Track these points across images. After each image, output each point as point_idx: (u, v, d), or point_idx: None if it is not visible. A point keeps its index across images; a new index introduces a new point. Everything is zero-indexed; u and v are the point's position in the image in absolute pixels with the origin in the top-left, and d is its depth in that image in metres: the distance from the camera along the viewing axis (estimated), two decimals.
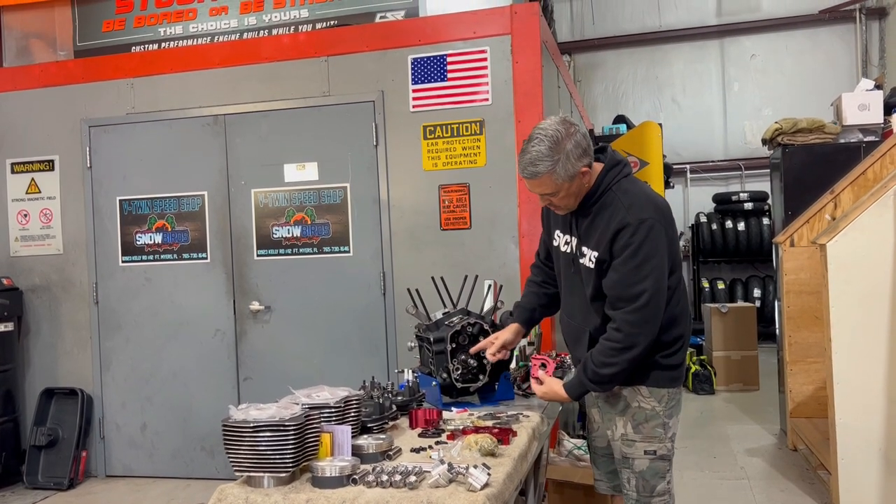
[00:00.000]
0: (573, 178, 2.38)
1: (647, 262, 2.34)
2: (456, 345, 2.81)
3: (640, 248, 2.33)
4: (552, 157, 2.34)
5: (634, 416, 2.49)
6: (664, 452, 2.49)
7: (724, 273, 10.52)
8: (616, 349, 2.35)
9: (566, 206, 2.49)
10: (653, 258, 2.34)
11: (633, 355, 2.35)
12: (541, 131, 2.37)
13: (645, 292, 2.32)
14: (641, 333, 2.34)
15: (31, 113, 5.41)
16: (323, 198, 4.88)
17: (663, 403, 2.48)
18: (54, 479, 5.08)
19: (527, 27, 4.56)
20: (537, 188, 2.42)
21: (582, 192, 2.45)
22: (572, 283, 2.59)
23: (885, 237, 3.75)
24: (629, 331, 2.34)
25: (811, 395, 5.26)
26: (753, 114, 10.49)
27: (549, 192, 2.42)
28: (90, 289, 5.27)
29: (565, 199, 2.44)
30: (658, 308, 2.36)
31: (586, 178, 2.42)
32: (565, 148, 2.34)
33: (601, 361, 2.38)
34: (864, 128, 5.71)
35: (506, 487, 1.98)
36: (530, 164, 2.37)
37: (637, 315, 2.33)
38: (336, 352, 4.85)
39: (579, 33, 11.07)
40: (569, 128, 2.38)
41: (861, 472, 3.80)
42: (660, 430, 2.48)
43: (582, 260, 2.50)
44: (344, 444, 2.05)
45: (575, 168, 2.36)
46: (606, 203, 2.43)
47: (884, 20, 10.09)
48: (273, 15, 5.13)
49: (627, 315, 2.34)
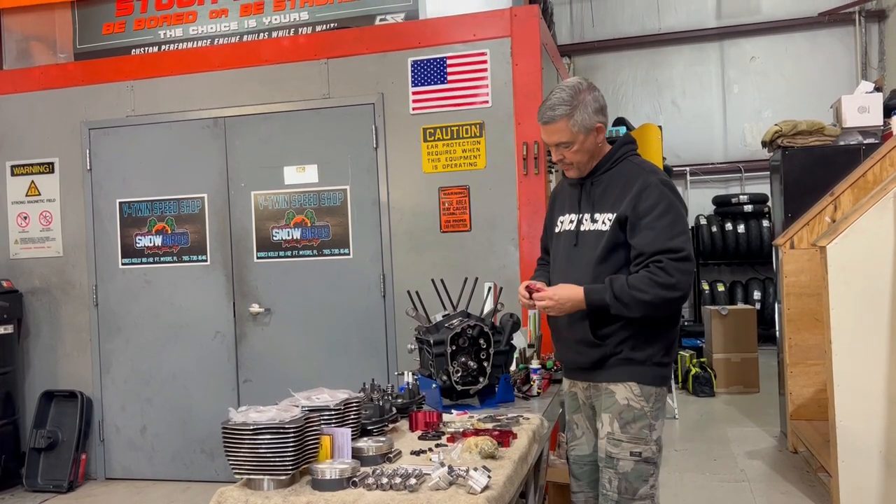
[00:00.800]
0: (589, 130, 2.44)
1: (679, 219, 2.40)
2: (456, 347, 2.80)
3: (672, 206, 2.39)
4: (571, 102, 2.42)
5: (622, 415, 2.46)
6: (649, 455, 2.46)
7: (724, 275, 10.52)
8: (656, 282, 2.33)
9: (578, 165, 2.51)
10: (683, 217, 2.42)
11: (668, 296, 2.33)
12: (562, 84, 2.49)
13: (686, 245, 2.36)
14: (683, 282, 2.34)
15: (31, 115, 5.41)
16: (323, 200, 4.88)
17: (651, 403, 2.46)
18: (54, 481, 5.08)
19: (527, 30, 4.56)
20: (554, 135, 2.46)
21: (595, 154, 2.51)
22: (571, 258, 2.54)
23: (885, 239, 3.75)
24: (675, 274, 2.33)
25: (811, 397, 5.26)
26: (753, 116, 10.49)
27: (564, 142, 2.46)
28: (90, 291, 5.27)
29: (579, 153, 2.48)
30: (694, 262, 2.40)
31: (601, 137, 2.49)
32: (584, 98, 2.44)
33: (635, 285, 2.35)
34: (863, 130, 5.71)
35: (506, 490, 1.97)
36: (549, 108, 2.45)
37: (683, 264, 2.34)
38: (336, 354, 4.85)
39: (579, 36, 11.08)
40: (589, 84, 2.49)
41: (861, 475, 3.80)
42: (646, 431, 2.45)
43: (591, 227, 2.49)
44: (344, 446, 2.05)
45: (591, 121, 2.44)
46: (622, 170, 2.49)
47: (883, 22, 10.09)
48: (273, 17, 5.13)
49: (674, 262, 2.34)
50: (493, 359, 2.84)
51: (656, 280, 2.33)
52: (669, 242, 2.35)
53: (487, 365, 2.83)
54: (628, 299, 2.35)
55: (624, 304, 2.36)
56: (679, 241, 2.36)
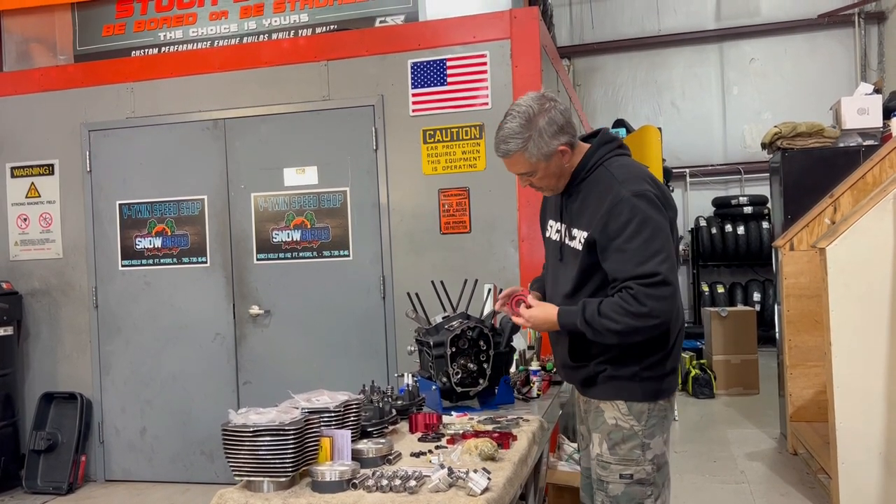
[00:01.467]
0: (549, 157, 2.24)
1: (655, 235, 2.13)
2: (456, 349, 2.80)
3: (646, 222, 2.12)
4: (523, 134, 2.22)
5: (611, 436, 2.27)
6: (642, 476, 2.24)
7: (723, 277, 10.53)
8: (626, 311, 2.11)
9: (549, 188, 2.36)
10: (661, 231, 2.14)
11: (642, 325, 2.11)
12: (514, 107, 2.26)
13: (660, 268, 2.09)
14: (660, 309, 2.10)
15: (31, 117, 5.41)
16: (323, 202, 4.88)
17: (643, 422, 2.24)
18: (53, 483, 5.07)
19: (526, 31, 4.56)
20: (512, 167, 2.31)
21: (565, 173, 2.31)
22: (557, 273, 2.41)
23: (884, 241, 3.75)
24: (647, 302, 2.09)
25: (811, 398, 5.26)
26: (753, 118, 10.51)
27: (525, 172, 2.30)
28: (90, 293, 5.27)
29: (545, 179, 2.31)
30: (677, 286, 2.13)
31: (566, 157, 2.27)
32: (538, 125, 2.21)
33: (606, 312, 2.14)
34: (863, 132, 5.72)
35: (506, 492, 1.97)
36: (502, 141, 2.26)
37: (657, 290, 2.09)
38: (336, 356, 4.85)
39: (579, 37, 11.09)
40: (543, 104, 2.24)
41: (861, 476, 3.80)
42: (637, 451, 2.24)
43: (571, 244, 2.32)
44: (344, 448, 2.05)
45: (550, 146, 2.22)
46: (596, 179, 2.26)
47: (882, 24, 10.11)
48: (273, 19, 5.13)
49: (646, 289, 2.09)
50: (493, 361, 2.84)
51: (627, 308, 2.11)
52: (641, 267, 2.11)
53: (487, 367, 2.83)
54: (598, 326, 2.16)
55: (595, 331, 2.18)
56: (651, 265, 2.10)
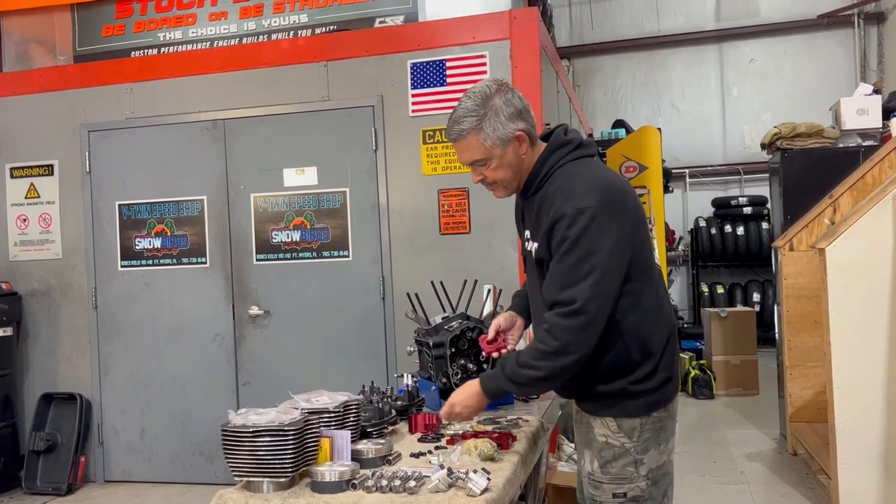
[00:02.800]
0: (505, 142, 2.07)
1: (585, 259, 1.95)
2: (455, 349, 2.80)
3: (578, 243, 1.95)
4: (478, 112, 2.06)
5: (602, 453, 2.13)
6: (637, 493, 2.11)
7: (723, 277, 10.52)
8: (543, 352, 1.99)
9: (504, 183, 2.16)
10: (594, 255, 1.95)
11: (561, 364, 1.98)
12: (470, 89, 2.13)
13: (580, 297, 1.94)
14: (574, 342, 1.97)
15: (30, 118, 5.41)
16: (322, 202, 4.88)
17: (634, 438, 2.10)
18: (53, 484, 5.07)
19: (526, 32, 4.57)
20: (465, 153, 2.12)
21: (521, 169, 2.14)
22: (532, 283, 2.26)
23: (884, 241, 3.75)
24: (561, 336, 1.97)
25: (811, 399, 5.26)
26: (752, 118, 10.51)
27: (478, 160, 2.11)
28: (89, 293, 5.27)
29: (499, 170, 2.11)
30: (597, 315, 1.97)
31: (524, 147, 2.11)
32: (493, 103, 2.07)
33: (525, 362, 2.03)
34: (862, 132, 5.72)
35: (505, 492, 1.97)
36: (455, 122, 2.10)
37: (570, 320, 1.96)
38: (335, 356, 4.85)
39: (578, 38, 11.09)
40: (500, 85, 2.12)
41: (861, 477, 3.80)
42: (630, 468, 2.10)
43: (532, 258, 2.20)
44: (343, 448, 2.05)
45: (506, 129, 2.06)
46: (549, 191, 2.09)
47: (882, 25, 10.11)
48: (273, 20, 5.13)
49: (560, 319, 1.97)
50: (493, 361, 2.84)
51: (544, 350, 1.99)
52: (560, 294, 1.97)
53: (487, 367, 2.83)
54: (523, 380, 2.04)
55: (521, 386, 2.08)
56: (572, 292, 1.94)
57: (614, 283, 1.99)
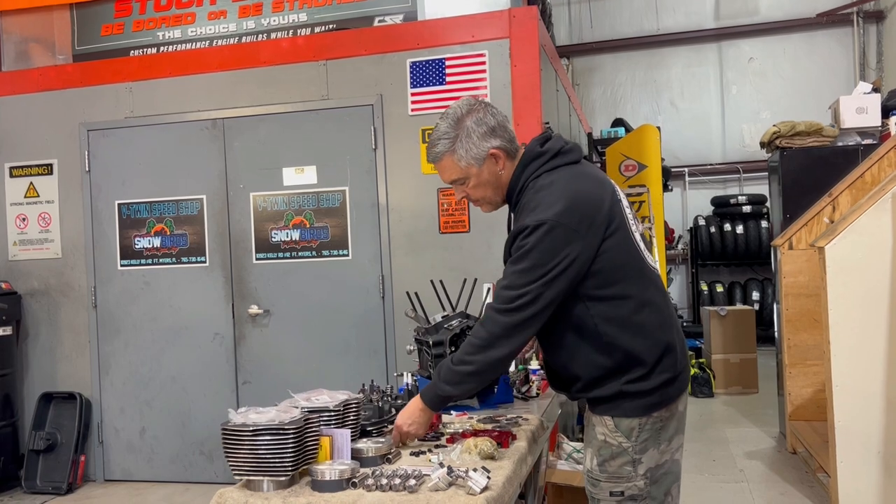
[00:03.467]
0: (481, 161, 2.13)
1: (534, 269, 1.99)
2: (455, 348, 2.80)
3: (530, 253, 2.00)
4: (450, 134, 2.13)
5: (600, 451, 2.14)
6: (634, 493, 2.12)
7: (722, 276, 10.53)
8: (474, 345, 2.06)
9: (485, 200, 2.22)
10: (544, 266, 1.99)
11: (491, 358, 2.04)
12: (445, 112, 2.20)
13: (522, 297, 1.99)
14: (503, 336, 2.03)
15: (29, 117, 5.41)
16: (322, 201, 4.88)
17: (633, 438, 2.10)
18: (53, 483, 5.07)
19: (525, 31, 4.57)
20: (445, 174, 2.18)
21: (501, 184, 2.18)
22: None
23: (883, 240, 3.76)
24: (492, 328, 2.04)
25: (810, 397, 5.26)
26: (751, 117, 10.52)
27: (457, 179, 2.17)
28: (89, 293, 5.27)
29: (479, 188, 2.17)
30: (529, 320, 2.01)
31: (500, 163, 2.15)
32: (465, 124, 2.13)
33: (458, 359, 2.09)
34: (861, 131, 5.73)
35: (505, 490, 1.97)
36: (432, 145, 2.17)
37: (504, 316, 2.02)
38: (335, 355, 4.85)
39: (577, 37, 11.09)
40: (473, 105, 2.17)
41: (860, 475, 3.80)
42: (628, 468, 2.11)
43: None
44: (343, 447, 2.05)
45: (480, 148, 2.11)
46: (522, 205, 2.13)
47: (881, 23, 10.12)
48: (272, 19, 5.13)
49: (495, 313, 2.04)
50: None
51: (474, 343, 2.06)
52: (502, 291, 2.03)
53: None
54: (457, 378, 2.09)
55: (455, 385, 2.10)
56: (512, 292, 2.01)
57: (558, 291, 2.01)
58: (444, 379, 2.12)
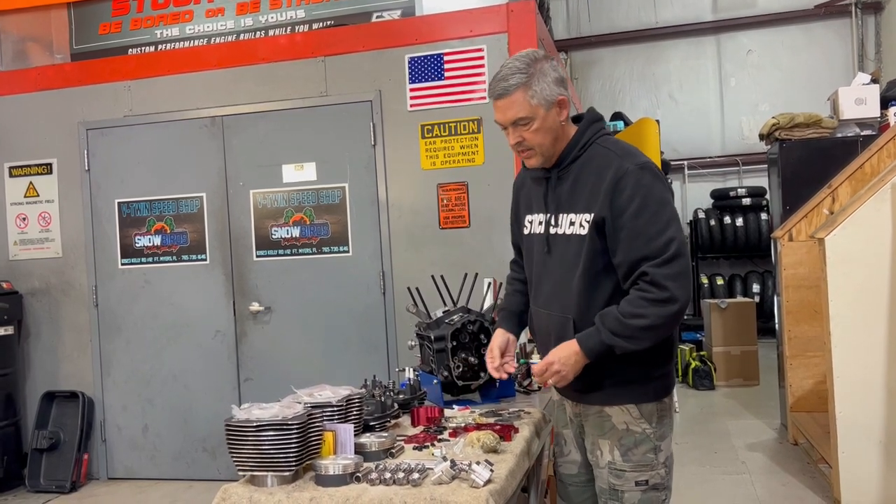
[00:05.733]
0: (550, 104, 2.08)
1: (663, 207, 2.02)
2: (456, 343, 2.81)
3: (649, 197, 2.01)
4: (527, 70, 2.07)
5: (622, 441, 2.13)
6: (657, 481, 2.14)
7: (722, 269, 10.53)
8: (650, 300, 1.98)
9: (540, 148, 2.13)
10: (665, 201, 2.03)
11: (669, 311, 1.97)
12: (515, 55, 2.16)
13: (673, 240, 1.98)
14: (681, 287, 1.97)
15: (28, 116, 5.41)
16: (321, 198, 4.88)
17: (654, 423, 2.14)
18: (56, 482, 5.08)
19: (523, 25, 4.56)
20: (509, 110, 2.10)
21: (560, 136, 2.13)
22: (546, 266, 2.21)
23: (882, 231, 3.76)
24: (666, 284, 1.96)
25: (811, 389, 5.27)
26: (750, 109, 10.50)
27: (522, 118, 2.09)
28: (90, 292, 5.27)
29: (539, 133, 2.10)
30: (688, 257, 2.03)
31: (564, 114, 2.12)
32: (542, 67, 2.09)
33: (630, 312, 2.00)
34: (861, 122, 5.72)
35: (508, 483, 1.98)
36: (502, 79, 2.10)
37: (671, 267, 1.97)
38: (336, 351, 4.85)
39: (575, 31, 11.08)
40: (546, 54, 2.17)
41: (862, 465, 3.81)
42: (651, 455, 2.14)
43: (562, 231, 2.15)
44: (346, 442, 2.06)
45: (552, 92, 2.08)
46: (591, 157, 2.12)
47: (879, 14, 10.10)
48: (269, 16, 5.13)
49: (660, 269, 1.97)
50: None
51: (650, 297, 1.98)
52: (649, 246, 1.99)
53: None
54: (629, 332, 2.00)
55: (627, 339, 2.01)
56: (661, 242, 1.98)
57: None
58: (612, 330, 2.01)
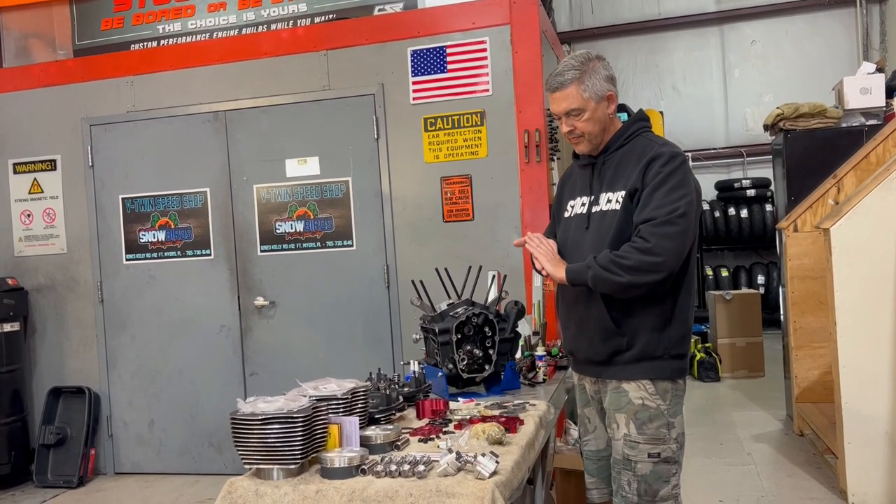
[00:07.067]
0: (600, 98, 2.39)
1: (680, 186, 2.27)
2: (461, 335, 2.81)
3: (673, 175, 2.28)
4: (581, 68, 2.37)
5: (637, 415, 2.35)
6: (669, 455, 2.34)
7: (727, 260, 10.51)
8: (634, 247, 2.24)
9: (590, 136, 2.42)
10: (686, 186, 2.28)
11: (648, 261, 2.21)
12: (570, 55, 2.46)
13: (677, 210, 2.23)
14: (663, 246, 2.21)
15: (31, 113, 5.41)
16: (325, 192, 4.88)
17: (667, 400, 2.35)
18: (63, 477, 5.11)
19: (526, 17, 4.55)
20: (563, 102, 2.39)
21: (607, 127, 2.43)
22: (581, 240, 2.44)
23: (888, 220, 3.75)
24: (650, 238, 2.22)
25: (817, 380, 5.26)
26: (754, 100, 10.46)
27: (574, 108, 2.37)
28: (95, 287, 5.28)
29: (590, 122, 2.39)
30: (686, 233, 2.25)
31: (612, 107, 2.43)
32: (594, 65, 2.39)
33: (617, 253, 2.27)
34: (866, 111, 5.70)
35: (514, 475, 1.98)
36: (558, 75, 2.39)
37: (662, 228, 2.22)
38: (341, 345, 4.86)
39: (578, 22, 11.04)
40: (599, 55, 2.45)
41: (868, 456, 3.81)
42: (664, 430, 2.34)
43: (602, 207, 2.40)
44: (352, 435, 2.06)
45: (602, 87, 2.39)
46: (633, 146, 2.41)
47: (884, 3, 10.04)
48: (271, 10, 5.12)
49: (653, 227, 2.23)
50: (499, 346, 2.85)
51: (635, 246, 2.24)
52: (655, 210, 2.25)
53: (493, 353, 2.83)
54: (606, 262, 2.26)
55: (603, 269, 2.25)
56: (666, 210, 2.23)
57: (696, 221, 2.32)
58: (598, 261, 2.29)
